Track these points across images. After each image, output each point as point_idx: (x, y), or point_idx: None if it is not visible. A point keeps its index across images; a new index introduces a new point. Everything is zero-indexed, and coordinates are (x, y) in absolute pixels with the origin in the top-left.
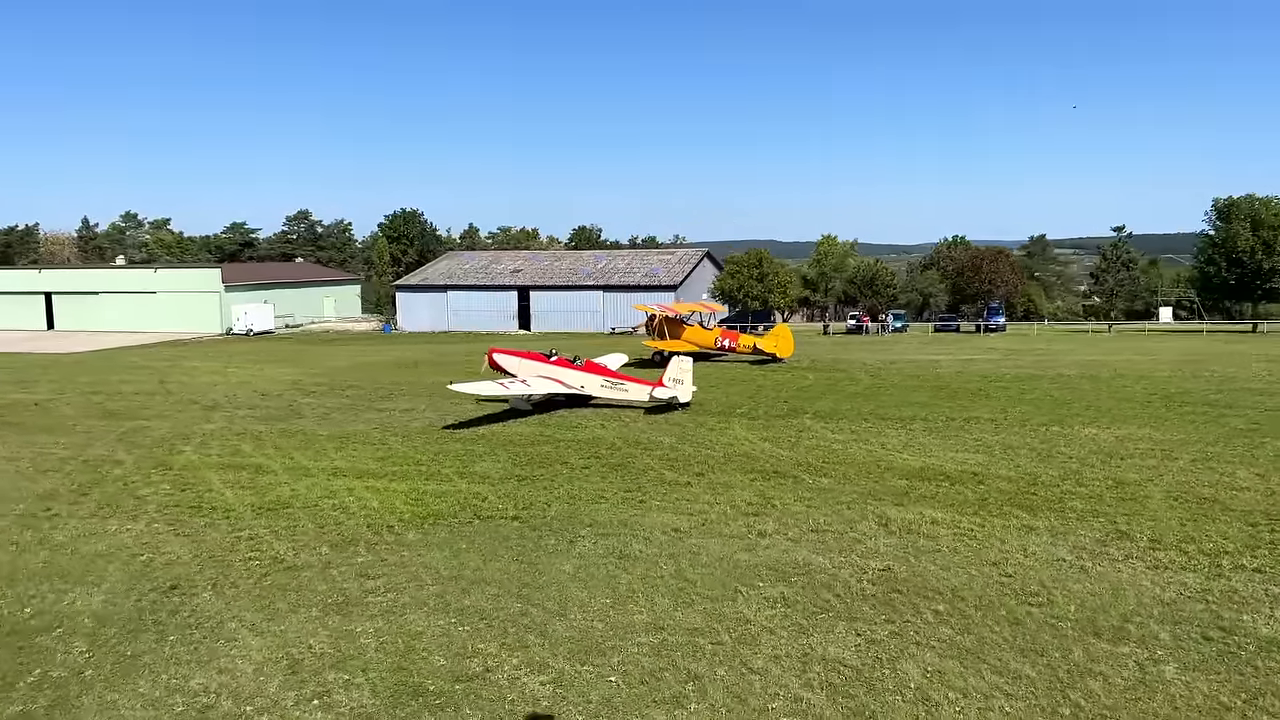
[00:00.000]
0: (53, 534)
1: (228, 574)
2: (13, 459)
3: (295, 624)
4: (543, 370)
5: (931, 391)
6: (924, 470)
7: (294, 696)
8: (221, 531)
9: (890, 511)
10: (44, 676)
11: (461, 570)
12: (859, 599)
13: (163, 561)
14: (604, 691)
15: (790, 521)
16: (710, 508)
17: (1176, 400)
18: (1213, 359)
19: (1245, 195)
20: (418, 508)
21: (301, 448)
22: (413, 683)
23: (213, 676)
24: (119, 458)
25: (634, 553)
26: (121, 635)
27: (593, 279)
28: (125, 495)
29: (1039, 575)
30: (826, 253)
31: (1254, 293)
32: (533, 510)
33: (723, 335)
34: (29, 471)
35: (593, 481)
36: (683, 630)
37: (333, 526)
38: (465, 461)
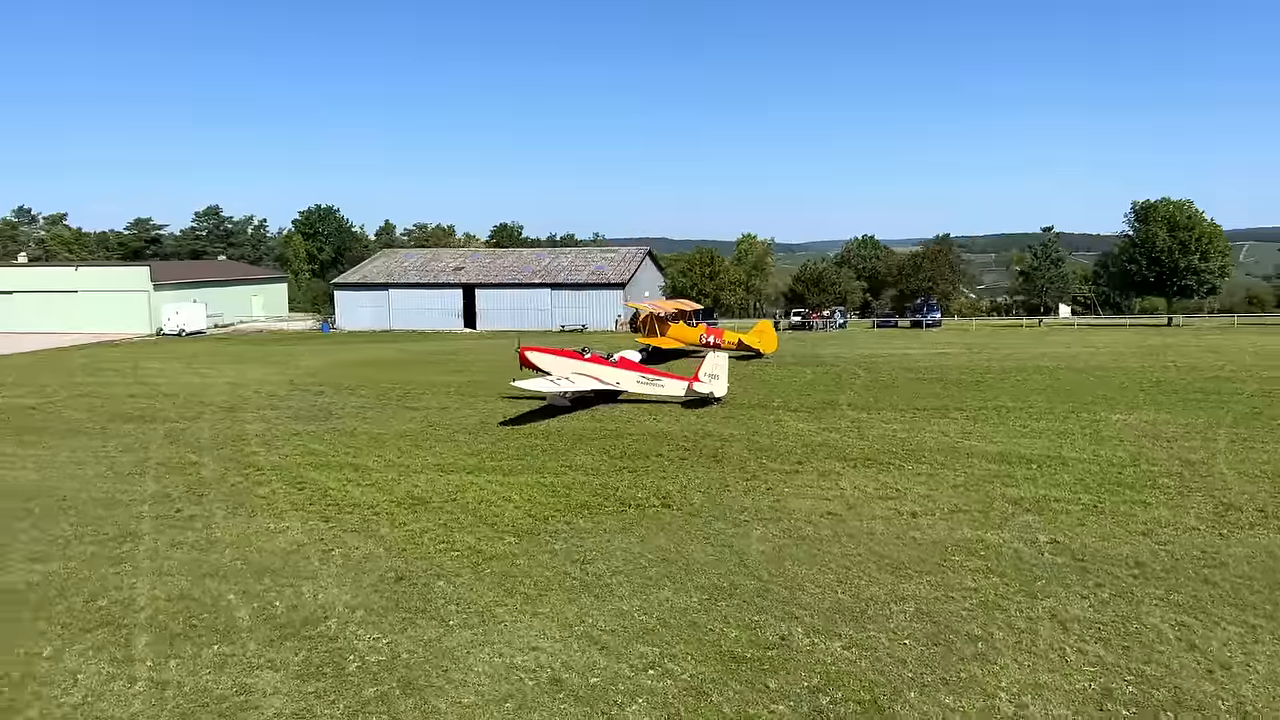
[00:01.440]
0: (213, 533)
1: (439, 564)
2: (79, 463)
3: (558, 604)
4: (579, 368)
5: (939, 384)
6: (1005, 455)
7: (628, 667)
8: (390, 526)
9: (1009, 491)
10: (367, 661)
11: (665, 554)
12: (1055, 568)
13: (360, 555)
14: (906, 653)
15: (928, 504)
16: (842, 493)
17: (1167, 388)
18: (1162, 350)
19: (1162, 198)
20: (561, 499)
21: (377, 447)
22: (727, 650)
23: (535, 654)
24: (193, 459)
25: (810, 534)
26: (402, 622)
27: (539, 277)
28: (248, 495)
29: (1191, 542)
30: (747, 251)
31: (1171, 289)
32: (675, 499)
33: (707, 332)
34: (110, 475)
35: (701, 471)
36: (924, 599)
37: (496, 518)
38: (557, 456)
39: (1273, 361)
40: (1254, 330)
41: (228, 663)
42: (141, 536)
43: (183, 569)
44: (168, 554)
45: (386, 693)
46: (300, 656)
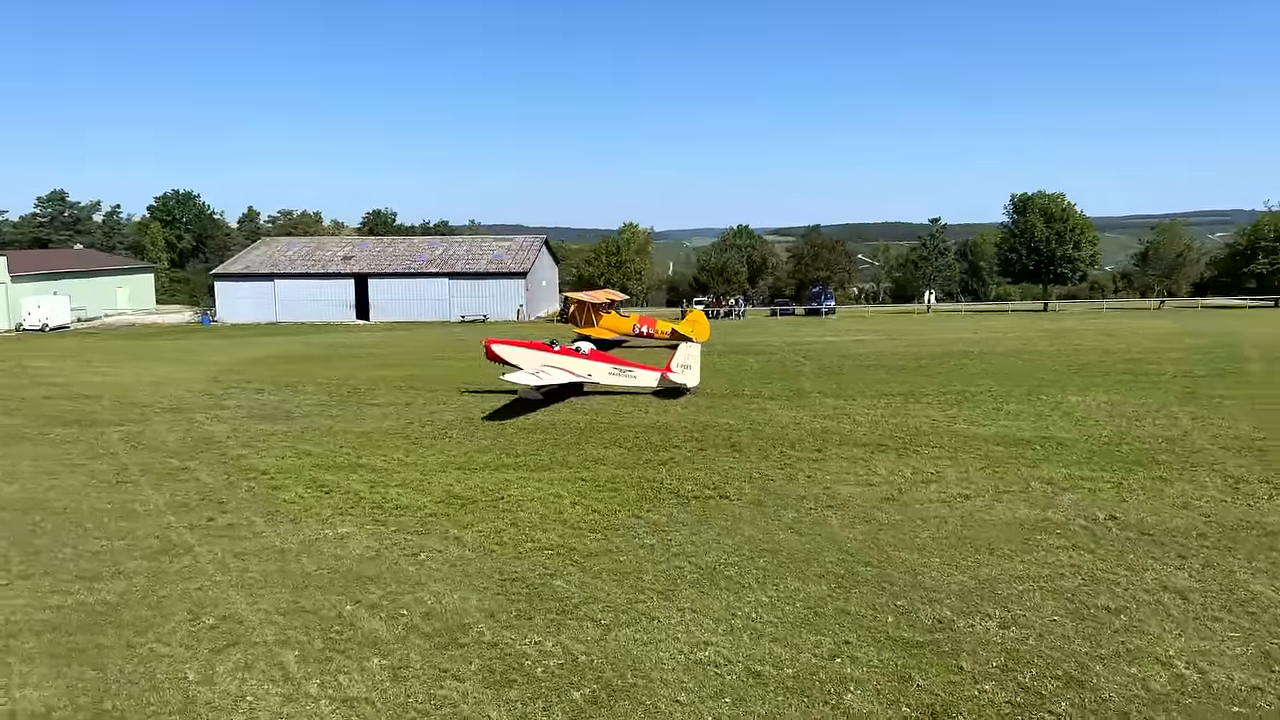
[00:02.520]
0: (271, 541)
1: (541, 564)
2: (50, 473)
3: (695, 599)
4: (548, 360)
5: (884, 369)
6: (1003, 438)
7: (812, 656)
8: (456, 527)
9: (1034, 472)
10: (549, 665)
11: (761, 544)
12: (1129, 542)
13: (452, 558)
14: (1061, 629)
15: (970, 487)
16: (883, 479)
17: (1095, 371)
18: (1062, 335)
19: (1038, 191)
20: (613, 493)
21: (374, 446)
22: (896, 636)
23: (712, 649)
24: (178, 465)
25: (884, 520)
26: (553, 624)
27: (435, 266)
28: (275, 500)
29: (1230, 513)
30: (629, 240)
31: (1048, 276)
32: (726, 490)
33: (640, 321)
34: (98, 485)
35: (730, 462)
36: (1038, 578)
37: (561, 515)
38: (571, 450)
39: (1166, 343)
40: (1119, 314)
41: (402, 675)
42: (192, 548)
43: (271, 581)
44: (239, 565)
45: (595, 695)
46: (474, 665)
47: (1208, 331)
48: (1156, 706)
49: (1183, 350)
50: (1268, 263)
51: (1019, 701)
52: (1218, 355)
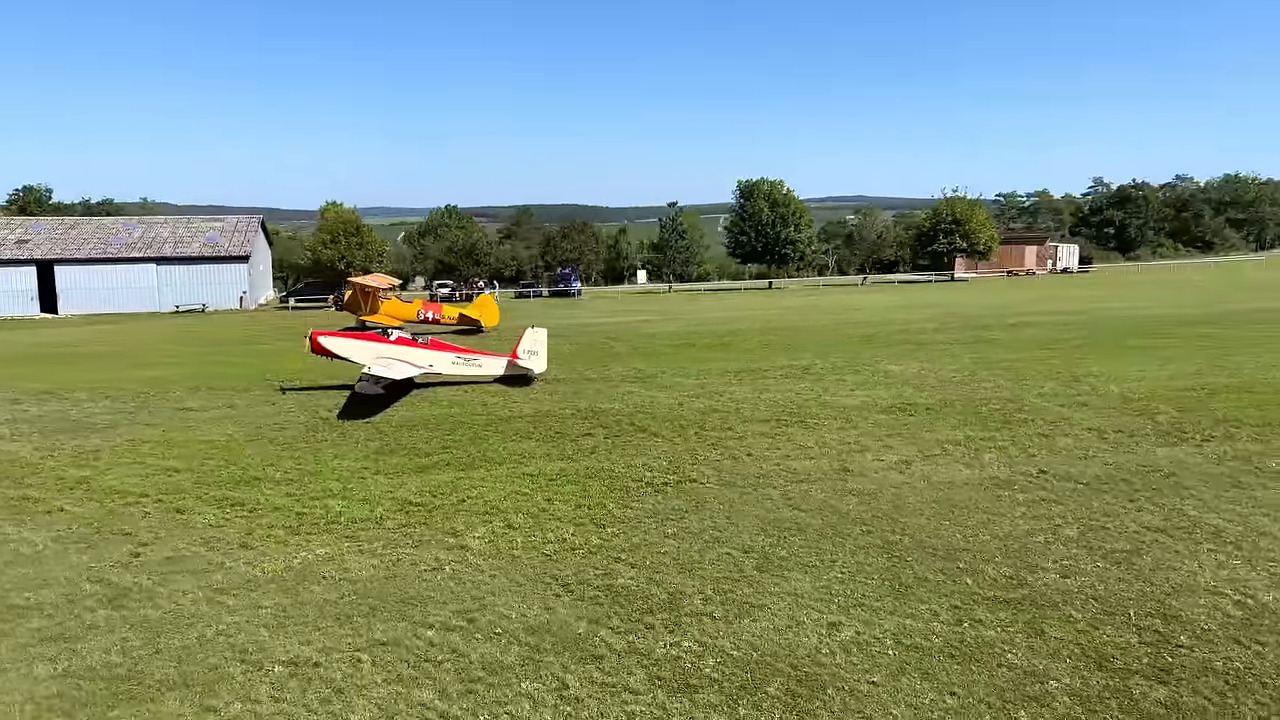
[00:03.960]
0: (246, 570)
1: (588, 563)
2: None
3: (792, 584)
4: (384, 351)
5: (695, 349)
6: (875, 406)
7: (946, 626)
8: (448, 535)
9: (943, 435)
10: (777, 667)
11: (781, 524)
12: (1080, 491)
13: (483, 566)
14: (1143, 574)
15: (904, 452)
16: (816, 452)
17: (879, 342)
18: (819, 310)
19: (760, 178)
20: (576, 487)
21: (239, 457)
22: (1002, 598)
23: (858, 619)
24: (25, 495)
25: (862, 489)
26: (713, 618)
27: (138, 250)
28: (194, 525)
29: (1124, 459)
30: (335, 219)
31: (773, 257)
32: (682, 474)
33: (424, 307)
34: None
35: (653, 446)
36: (1043, 530)
37: (550, 512)
38: (489, 446)
39: (909, 314)
40: (837, 290)
41: (571, 697)
42: (152, 591)
43: (299, 615)
44: (237, 602)
45: (789, 687)
46: (637, 676)
47: (931, 303)
48: (1248, 628)
49: (929, 320)
50: (947, 243)
51: (1149, 641)
52: (960, 325)
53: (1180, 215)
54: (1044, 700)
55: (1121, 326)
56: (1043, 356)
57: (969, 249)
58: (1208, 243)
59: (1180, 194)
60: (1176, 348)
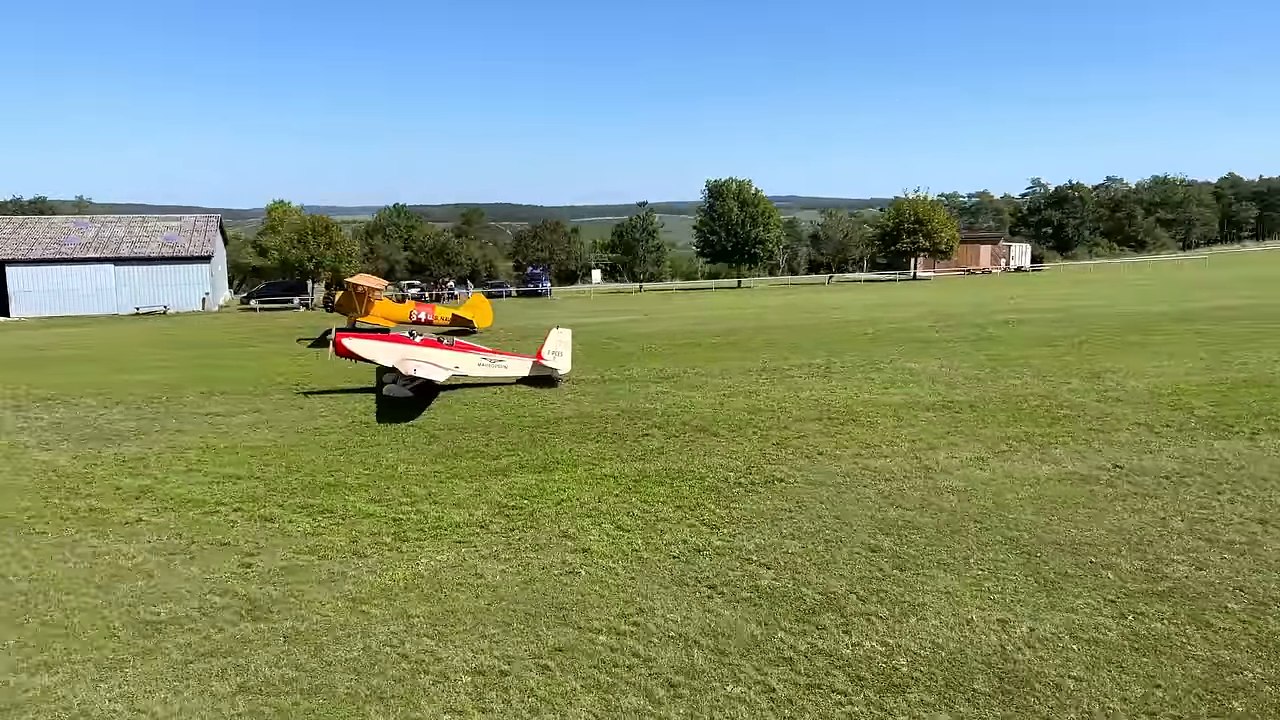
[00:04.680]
0: (373, 579)
1: (721, 565)
2: None
3: (924, 580)
4: (412, 353)
5: (702, 349)
6: (920, 404)
7: (1110, 620)
8: (562, 538)
9: (992, 433)
10: (914, 661)
11: (891, 523)
12: (1164, 485)
13: (616, 570)
14: (1239, 564)
15: (966, 451)
16: (889, 450)
17: (886, 340)
18: (802, 308)
19: (729, 177)
20: (663, 488)
21: (297, 462)
22: (1147, 589)
23: (1025, 617)
24: (95, 506)
25: (953, 487)
26: (881, 618)
27: (93, 250)
28: (290, 534)
29: (1191, 454)
30: (280, 219)
31: (743, 256)
32: (764, 474)
33: (417, 308)
34: (113, 566)
35: (720, 446)
36: (1151, 524)
37: (652, 514)
38: (547, 448)
39: (897, 313)
40: (806, 289)
41: (782, 701)
42: (279, 601)
43: (456, 623)
44: (384, 612)
45: (998, 685)
46: (840, 677)
47: (911, 302)
48: None
49: (920, 319)
50: (910, 242)
51: None
52: (954, 323)
53: (1114, 215)
54: (1249, 690)
55: (1110, 324)
56: (1053, 353)
57: (931, 248)
58: (1140, 242)
59: (1114, 195)
60: (1175, 344)
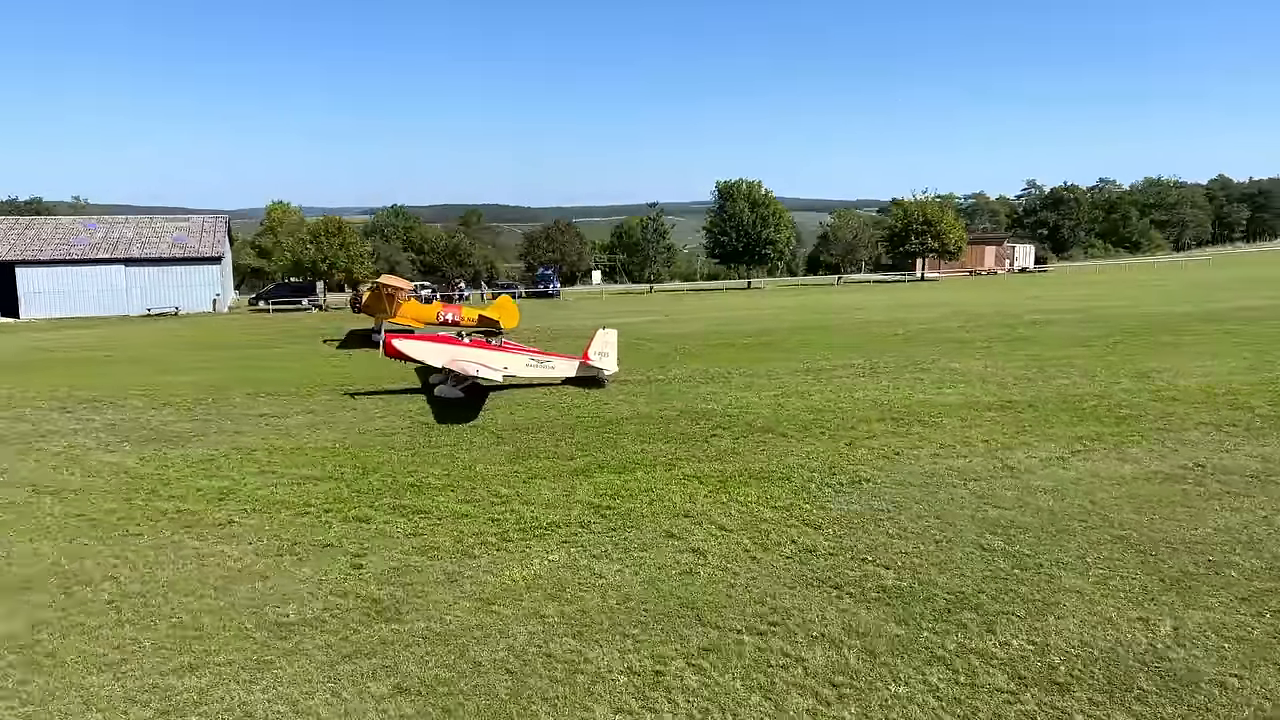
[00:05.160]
0: (494, 579)
1: (848, 564)
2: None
3: (1070, 576)
4: (461, 354)
5: (734, 349)
6: (979, 404)
7: (1259, 605)
8: (668, 537)
9: (1059, 432)
10: (1095, 657)
11: (996, 522)
12: (1252, 484)
13: (739, 570)
14: None
15: (1042, 449)
16: (964, 449)
17: (919, 340)
18: (821, 308)
19: (739, 178)
20: (749, 489)
21: (371, 462)
22: (1275, 569)
23: (1184, 617)
24: (184, 508)
25: (1039, 485)
26: (1060, 615)
27: (103, 251)
28: (388, 534)
29: (1272, 453)
30: (280, 220)
31: (754, 257)
32: (847, 473)
33: (444, 309)
34: (163, 550)
35: (787, 445)
36: (1262, 522)
37: (753, 514)
38: (620, 447)
39: (921, 313)
40: (818, 290)
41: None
42: (500, 601)
43: (594, 622)
44: (518, 611)
45: (1158, 685)
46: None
47: (930, 303)
48: None
49: (946, 319)
50: (919, 243)
51: None
52: (982, 323)
53: (1109, 217)
54: None
55: (1138, 324)
56: (1092, 353)
57: (941, 249)
58: (1135, 243)
59: (1108, 196)
60: (1209, 344)
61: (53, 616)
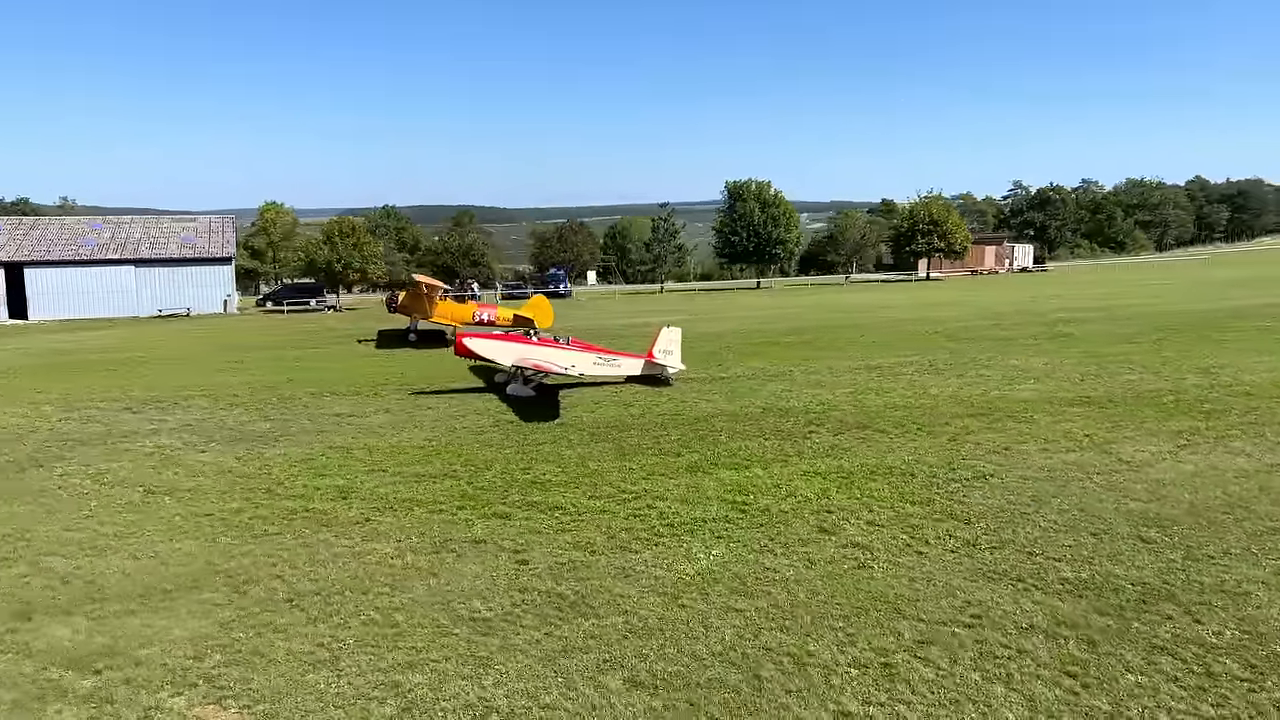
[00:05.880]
0: (688, 567)
1: (1010, 560)
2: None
3: (1244, 566)
4: (531, 353)
5: (778, 346)
6: (1061, 399)
7: None
8: (823, 533)
9: (1153, 427)
10: None
11: (1146, 516)
12: None
13: (909, 565)
14: None
15: (1146, 446)
16: (1069, 444)
17: (966, 335)
18: (847, 307)
19: (749, 178)
20: (877, 483)
21: (479, 459)
22: None
23: None
24: (357, 518)
25: (1163, 478)
26: None
27: (112, 251)
28: (559, 528)
29: None
30: (273, 221)
31: (764, 256)
32: (970, 469)
33: (480, 308)
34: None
35: (911, 441)
36: None
37: (896, 509)
38: (720, 444)
39: (951, 310)
40: (829, 290)
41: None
42: (686, 595)
43: (867, 614)
44: (783, 602)
45: None
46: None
47: (950, 301)
48: None
49: (978, 318)
50: (925, 243)
51: None
52: (1018, 322)
53: (1095, 217)
54: None
55: (1172, 321)
56: (1144, 350)
57: (947, 249)
58: (1120, 243)
59: (1093, 197)
60: (1253, 340)
61: (234, 616)
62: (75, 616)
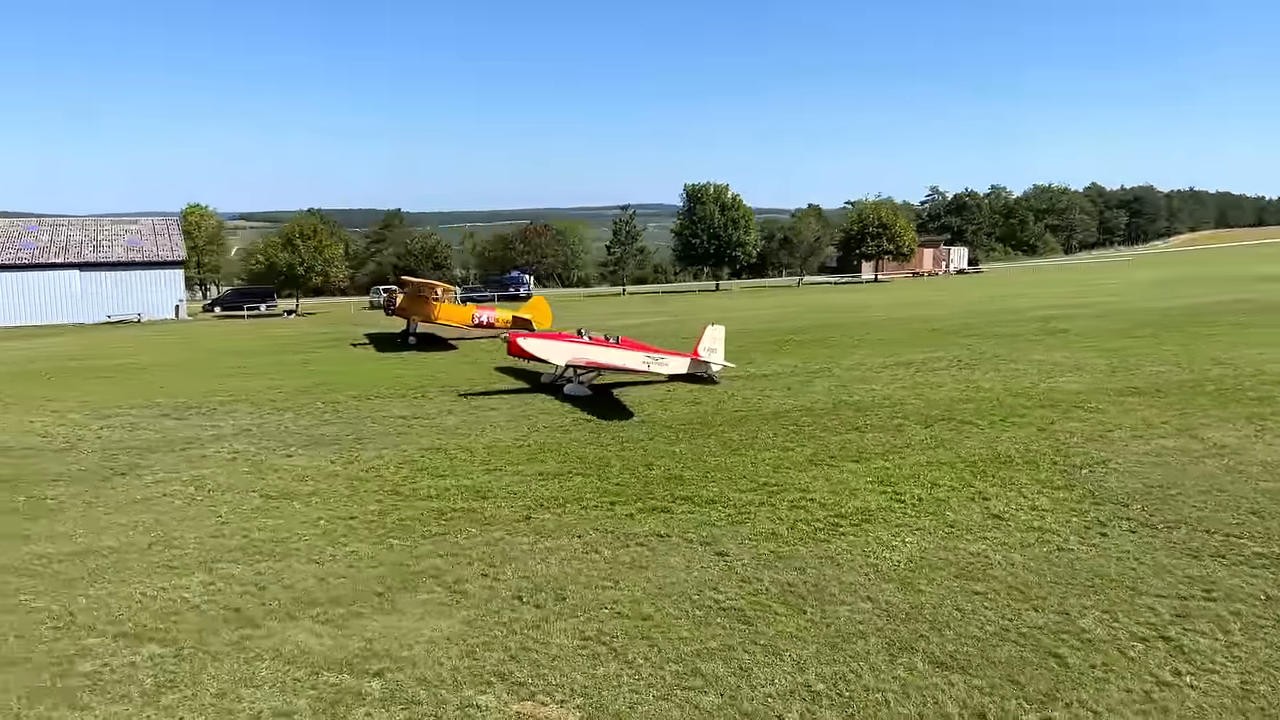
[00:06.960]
0: (811, 556)
1: (1105, 548)
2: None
3: None
4: (582, 352)
5: (799, 344)
6: (1106, 390)
7: None
8: (1020, 517)
9: (1209, 416)
10: None
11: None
12: None
13: (1013, 561)
14: None
15: (1228, 435)
16: (1164, 433)
17: (967, 332)
18: (820, 307)
19: (708, 182)
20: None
21: (572, 459)
22: None
23: None
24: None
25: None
26: None
27: (53, 255)
28: (756, 518)
29: None
30: (198, 224)
31: (723, 259)
32: (1097, 457)
33: (478, 309)
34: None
35: (1004, 431)
36: None
37: (984, 504)
38: (821, 440)
39: (927, 310)
40: (786, 291)
41: None
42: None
43: (1069, 597)
44: (991, 589)
45: None
46: None
47: (921, 301)
48: None
49: (965, 316)
50: (875, 245)
51: None
52: (1010, 320)
53: (1008, 221)
54: None
55: (1151, 318)
56: (1146, 344)
57: (895, 251)
58: (1032, 246)
59: (1005, 202)
60: (1238, 334)
61: (474, 615)
62: (302, 620)
